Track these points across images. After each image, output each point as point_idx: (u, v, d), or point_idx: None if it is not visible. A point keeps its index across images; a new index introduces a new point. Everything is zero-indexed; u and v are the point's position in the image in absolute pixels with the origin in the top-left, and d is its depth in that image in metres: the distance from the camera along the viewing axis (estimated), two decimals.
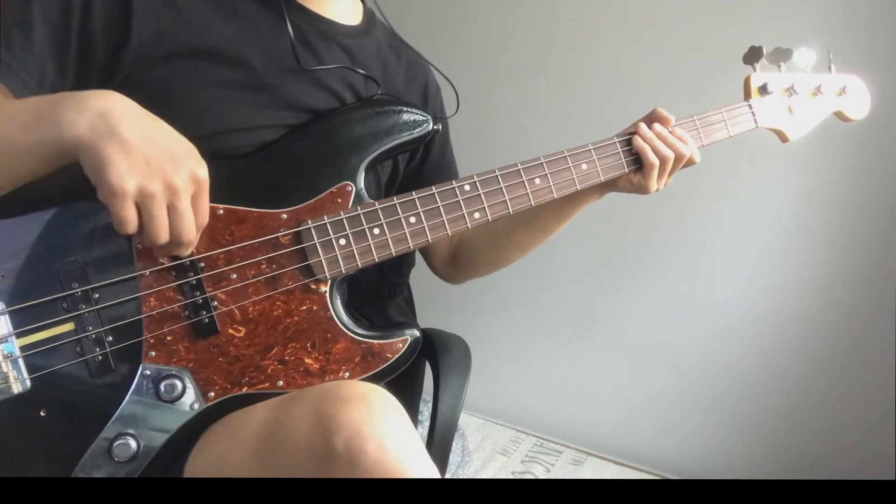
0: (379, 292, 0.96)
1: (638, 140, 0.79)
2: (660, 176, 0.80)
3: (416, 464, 0.53)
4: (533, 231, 0.89)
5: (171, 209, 0.54)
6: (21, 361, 0.56)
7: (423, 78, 0.89)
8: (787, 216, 1.33)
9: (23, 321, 0.56)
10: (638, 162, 0.80)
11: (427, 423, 0.83)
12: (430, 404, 0.84)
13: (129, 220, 0.52)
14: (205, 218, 0.58)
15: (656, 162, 0.78)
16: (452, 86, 0.89)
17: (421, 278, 0.99)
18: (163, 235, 0.54)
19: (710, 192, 1.37)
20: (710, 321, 1.44)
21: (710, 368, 1.45)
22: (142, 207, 0.52)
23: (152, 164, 0.52)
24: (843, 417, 1.32)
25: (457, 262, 0.97)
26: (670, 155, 0.79)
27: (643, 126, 0.80)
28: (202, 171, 0.56)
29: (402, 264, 0.97)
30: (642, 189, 0.81)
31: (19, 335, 0.56)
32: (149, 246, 0.57)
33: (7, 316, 0.56)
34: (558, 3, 1.50)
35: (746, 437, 1.43)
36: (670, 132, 0.80)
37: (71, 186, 0.56)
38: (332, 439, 0.52)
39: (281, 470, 0.56)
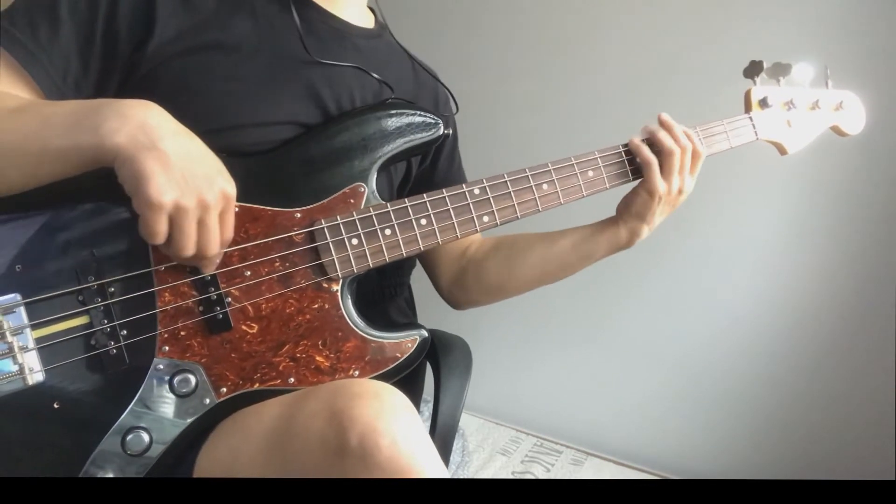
0: (380, 293, 0.96)
1: (634, 139, 0.78)
2: (666, 174, 0.78)
3: (428, 462, 0.54)
4: (548, 260, 0.86)
5: (200, 224, 0.56)
6: (36, 353, 0.57)
7: (433, 87, 0.90)
8: (787, 217, 1.34)
9: (38, 313, 0.57)
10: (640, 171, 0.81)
11: (428, 424, 0.84)
12: (431, 404, 0.85)
13: (161, 232, 0.53)
14: (230, 234, 0.59)
15: (652, 159, 0.77)
16: (452, 95, 0.91)
17: (422, 279, 1.00)
18: (190, 249, 0.56)
19: (710, 193, 1.37)
20: (711, 322, 1.45)
21: (710, 369, 1.46)
22: (174, 221, 0.54)
23: (189, 179, 0.53)
24: (843, 417, 1.33)
25: (463, 282, 0.93)
26: (674, 148, 0.77)
27: (649, 125, 0.79)
28: (232, 188, 0.57)
29: (402, 265, 0.98)
30: (652, 193, 0.78)
31: (35, 327, 0.57)
32: (172, 258, 0.58)
33: (23, 308, 0.56)
34: (562, 3, 1.52)
35: (746, 437, 1.44)
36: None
37: (88, 182, 0.57)
38: (346, 435, 0.53)
39: (293, 465, 0.56)
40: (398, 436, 0.53)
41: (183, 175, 0.53)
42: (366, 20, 0.83)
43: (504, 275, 0.90)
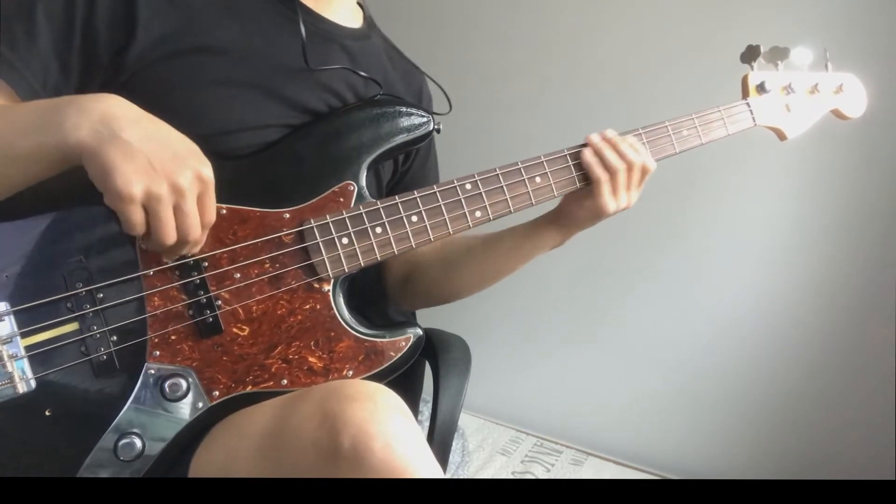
0: (378, 292, 0.96)
1: (587, 152, 0.75)
2: (614, 192, 0.75)
3: (422, 463, 0.53)
4: (485, 263, 0.85)
5: (177, 210, 0.54)
6: (26, 361, 0.56)
7: (418, 86, 0.90)
8: (787, 217, 1.33)
9: (27, 321, 0.57)
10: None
11: (427, 423, 0.83)
12: (430, 404, 0.84)
13: (138, 222, 0.52)
14: (212, 216, 0.58)
15: (603, 176, 0.74)
16: (444, 91, 0.88)
17: None
18: (171, 237, 0.54)
19: (709, 192, 1.37)
20: (710, 322, 1.44)
21: (710, 369, 1.46)
22: (149, 210, 0.53)
23: (157, 165, 0.52)
24: (843, 417, 1.32)
25: (407, 282, 0.91)
26: (619, 165, 0.74)
27: (593, 136, 0.76)
28: (206, 169, 0.56)
29: None
30: (598, 211, 0.75)
31: (24, 335, 0.56)
32: (155, 250, 0.58)
33: (12, 316, 0.56)
34: (558, 3, 1.51)
35: (746, 437, 1.43)
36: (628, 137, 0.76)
37: (73, 188, 0.56)
38: (339, 437, 0.52)
39: (286, 468, 0.56)
40: (391, 438, 0.52)
41: (149, 161, 0.51)
42: (354, 20, 0.82)
43: (444, 279, 0.88)
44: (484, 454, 1.53)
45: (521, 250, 0.83)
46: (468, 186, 0.73)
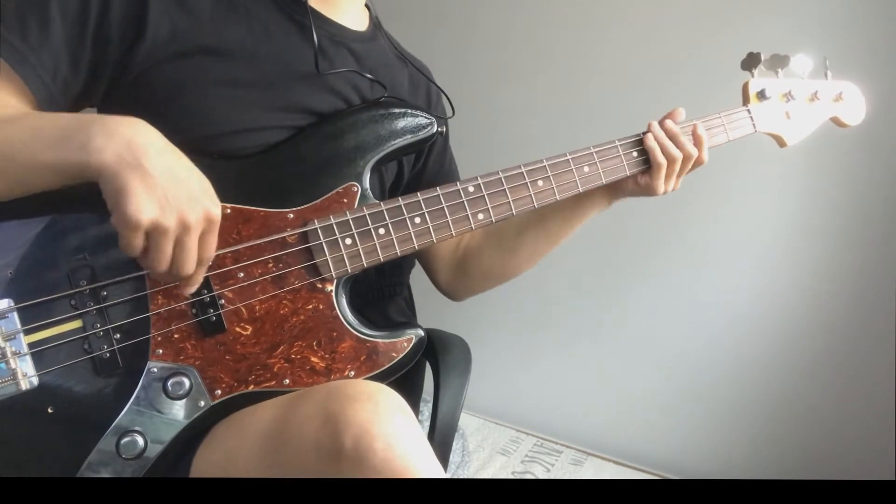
0: (379, 293, 0.96)
1: (649, 138, 0.80)
2: (668, 177, 0.81)
3: (423, 463, 0.54)
4: (541, 236, 0.89)
5: (178, 244, 0.55)
6: (29, 358, 0.56)
7: (426, 86, 0.90)
8: (787, 217, 1.34)
9: (31, 318, 0.57)
10: (643, 164, 0.81)
11: (427, 423, 0.84)
12: (430, 404, 0.84)
13: (137, 247, 0.53)
14: (210, 253, 0.58)
15: (663, 161, 0.80)
16: (446, 95, 0.91)
17: (421, 278, 1.00)
18: (163, 267, 0.55)
19: (710, 192, 1.38)
20: (710, 321, 1.45)
21: (711, 368, 1.46)
22: (150, 238, 0.53)
23: (171, 199, 0.53)
24: (843, 417, 1.32)
25: (462, 272, 0.95)
26: (678, 154, 0.80)
27: (655, 124, 0.81)
28: (217, 209, 0.57)
29: (402, 265, 0.98)
30: (650, 190, 0.82)
31: (28, 332, 0.56)
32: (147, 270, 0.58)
33: (16, 313, 0.56)
34: (559, 4, 1.51)
35: (746, 437, 1.44)
36: (691, 129, 0.82)
37: (78, 188, 0.56)
38: (341, 438, 0.52)
39: (288, 468, 0.56)
40: (392, 438, 0.53)
41: (165, 194, 0.52)
42: (361, 22, 0.82)
43: (501, 259, 0.91)
44: (484, 454, 1.53)
45: (573, 218, 0.88)
46: (471, 189, 0.73)
